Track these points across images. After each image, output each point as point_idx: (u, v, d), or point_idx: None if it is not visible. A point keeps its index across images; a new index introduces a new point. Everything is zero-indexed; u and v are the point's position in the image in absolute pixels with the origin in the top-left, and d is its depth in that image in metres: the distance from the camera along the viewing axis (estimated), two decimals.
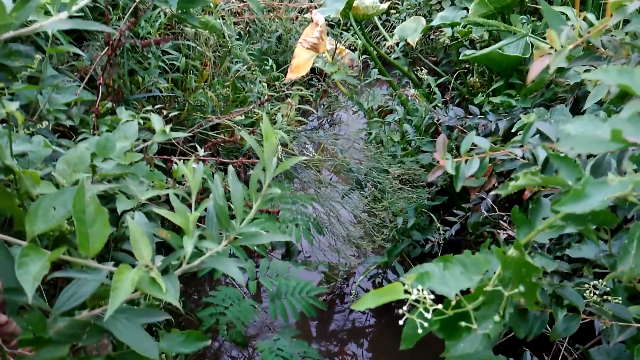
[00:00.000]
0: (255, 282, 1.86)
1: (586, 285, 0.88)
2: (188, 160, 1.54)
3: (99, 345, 0.81)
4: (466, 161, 0.82)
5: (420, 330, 0.62)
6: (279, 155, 2.03)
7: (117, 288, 0.67)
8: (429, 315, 0.61)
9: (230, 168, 0.85)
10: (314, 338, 2.65)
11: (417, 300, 0.63)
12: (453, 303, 0.64)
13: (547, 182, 0.66)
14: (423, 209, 2.03)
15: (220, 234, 0.83)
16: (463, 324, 0.66)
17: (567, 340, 1.23)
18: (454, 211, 1.92)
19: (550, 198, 0.89)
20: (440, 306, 0.62)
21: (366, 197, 2.15)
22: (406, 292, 0.62)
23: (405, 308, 0.62)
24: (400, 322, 0.63)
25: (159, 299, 1.37)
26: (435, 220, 2.01)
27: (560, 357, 1.25)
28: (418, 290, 0.62)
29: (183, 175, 1.27)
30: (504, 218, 1.42)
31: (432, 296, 0.64)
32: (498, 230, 1.51)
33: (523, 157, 1.00)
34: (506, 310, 0.82)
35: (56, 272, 0.72)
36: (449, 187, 2.15)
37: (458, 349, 0.82)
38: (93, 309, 0.78)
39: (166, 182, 1.40)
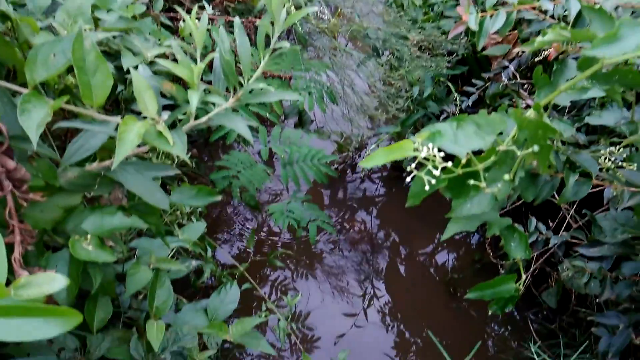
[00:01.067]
0: (267, 149, 1.88)
1: (602, 152, 0.86)
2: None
3: (112, 198, 0.83)
4: (491, 16, 0.75)
5: (427, 187, 0.61)
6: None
7: (122, 139, 0.66)
8: (437, 173, 0.60)
9: (237, 19, 0.79)
10: (325, 206, 2.74)
11: (426, 159, 0.61)
12: (463, 162, 0.63)
13: (577, 37, 0.60)
14: (441, 79, 1.96)
15: (228, 91, 0.81)
16: (472, 182, 0.65)
17: (573, 208, 1.24)
18: (473, 81, 1.85)
19: (577, 59, 0.84)
20: (449, 164, 0.61)
21: (382, 65, 2.07)
22: (416, 149, 0.61)
23: (413, 165, 0.61)
24: (408, 179, 0.63)
25: (170, 159, 1.39)
26: (453, 90, 1.94)
27: (565, 224, 1.28)
28: (428, 148, 0.61)
29: (190, 34, 1.21)
30: (525, 86, 1.36)
31: (442, 154, 0.62)
32: (516, 101, 1.46)
33: (552, 17, 0.92)
34: (517, 173, 0.81)
35: (61, 122, 0.71)
36: (470, 56, 2.05)
37: (464, 209, 0.83)
38: (102, 161, 0.78)
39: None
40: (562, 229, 1.24)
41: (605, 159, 0.85)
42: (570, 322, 1.67)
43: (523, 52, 1.66)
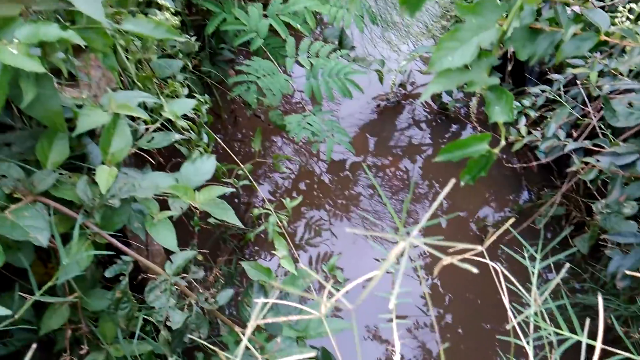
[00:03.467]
0: (292, 60, 1.79)
1: (619, 8, 0.71)
2: None
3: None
4: None
5: None
6: None
7: None
8: None
9: None
10: (369, 151, 2.63)
11: None
12: None
13: None
14: None
15: None
16: None
17: (600, 114, 1.07)
18: None
19: None
20: None
21: None
22: None
23: None
24: None
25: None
26: None
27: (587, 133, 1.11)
28: None
29: None
30: None
31: None
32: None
33: None
34: (511, 24, 0.68)
35: None
36: None
37: (445, 61, 0.72)
38: None
39: None
40: (583, 137, 1.07)
41: (623, 16, 0.70)
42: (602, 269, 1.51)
43: None
